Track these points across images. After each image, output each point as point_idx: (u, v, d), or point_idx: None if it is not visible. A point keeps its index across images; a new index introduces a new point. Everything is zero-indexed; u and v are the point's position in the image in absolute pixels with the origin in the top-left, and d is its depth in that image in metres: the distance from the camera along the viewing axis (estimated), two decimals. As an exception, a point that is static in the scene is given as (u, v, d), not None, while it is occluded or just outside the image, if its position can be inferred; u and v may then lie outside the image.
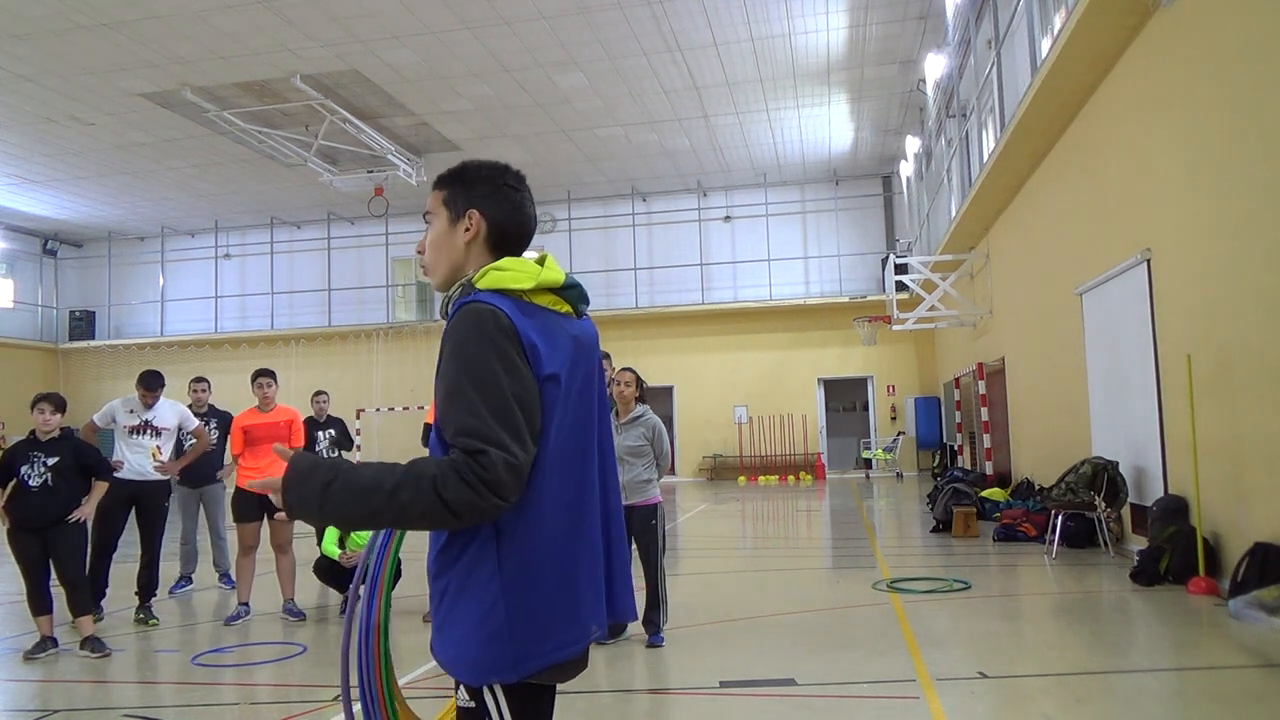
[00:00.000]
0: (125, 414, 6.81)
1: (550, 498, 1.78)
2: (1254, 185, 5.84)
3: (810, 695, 4.40)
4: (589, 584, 1.86)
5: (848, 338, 20.64)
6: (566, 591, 1.79)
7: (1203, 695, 4.38)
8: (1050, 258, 10.76)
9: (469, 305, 1.77)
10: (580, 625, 1.82)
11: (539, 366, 1.76)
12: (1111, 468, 8.06)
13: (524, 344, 1.74)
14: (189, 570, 8.02)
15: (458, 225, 1.92)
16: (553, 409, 1.78)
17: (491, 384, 1.69)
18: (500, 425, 1.66)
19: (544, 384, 1.77)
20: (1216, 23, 6.27)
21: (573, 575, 1.81)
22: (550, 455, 1.78)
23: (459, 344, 1.73)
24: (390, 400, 22.29)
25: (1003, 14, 11.04)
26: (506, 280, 1.81)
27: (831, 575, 8.41)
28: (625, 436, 5.61)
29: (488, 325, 1.72)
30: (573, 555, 1.82)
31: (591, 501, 1.90)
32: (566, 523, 1.81)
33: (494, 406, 1.67)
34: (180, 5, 12.27)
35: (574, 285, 1.92)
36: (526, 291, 1.82)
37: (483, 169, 1.96)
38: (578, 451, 1.86)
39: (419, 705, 4.73)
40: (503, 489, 1.64)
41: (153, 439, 6.81)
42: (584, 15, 12.96)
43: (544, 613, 1.75)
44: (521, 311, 1.78)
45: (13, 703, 4.81)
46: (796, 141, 19.04)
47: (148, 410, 6.87)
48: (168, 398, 7.12)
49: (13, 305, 24.29)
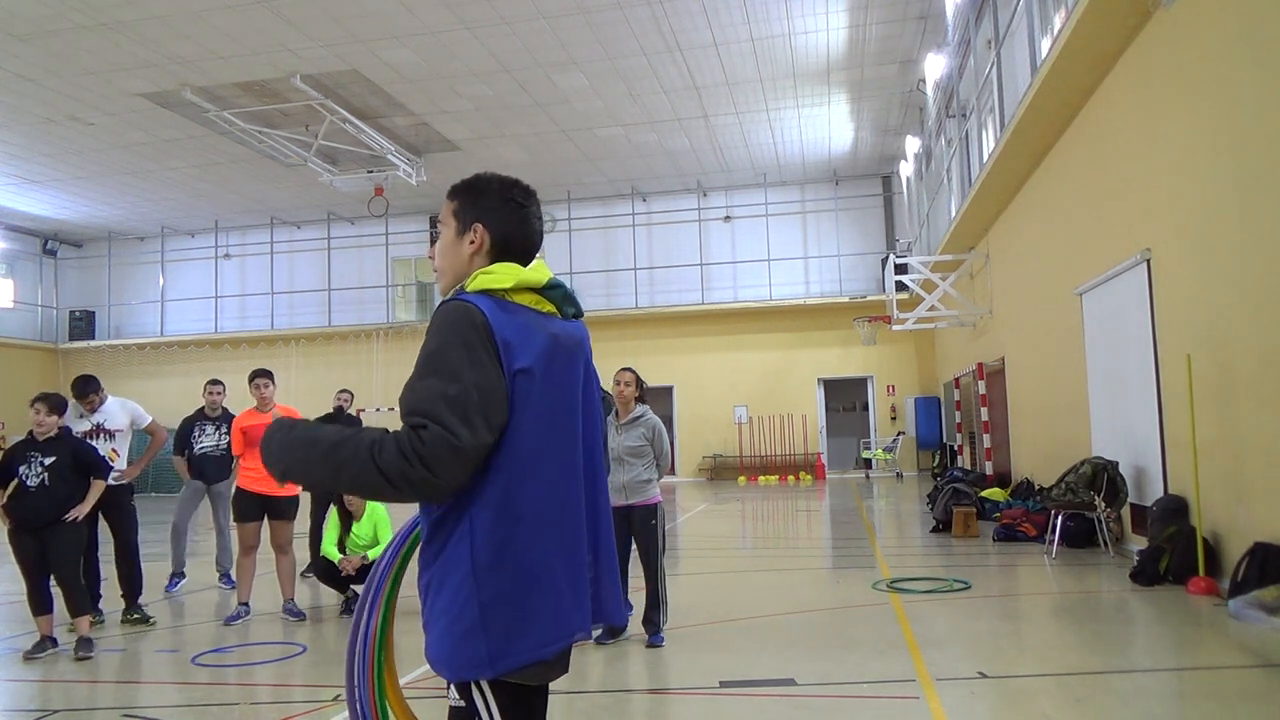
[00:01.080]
0: (76, 419, 6.76)
1: (525, 495, 1.79)
2: (1254, 185, 5.84)
3: (810, 695, 4.40)
4: (568, 583, 1.85)
5: (848, 338, 20.64)
6: (543, 590, 1.80)
7: (1203, 695, 4.38)
8: (1050, 258, 10.76)
9: (447, 304, 1.84)
10: (559, 625, 1.82)
11: (510, 360, 1.80)
12: (1111, 468, 8.06)
13: (496, 340, 1.79)
14: (178, 566, 7.98)
15: (464, 237, 1.99)
16: (524, 402, 1.80)
17: (449, 371, 1.74)
18: (448, 407, 1.70)
19: (515, 377, 1.80)
20: (1216, 23, 6.27)
21: (549, 573, 1.81)
22: (524, 452, 1.80)
23: (429, 338, 1.80)
24: (390, 400, 22.27)
25: (1003, 14, 11.04)
26: (489, 281, 1.87)
27: (831, 575, 8.41)
28: (625, 437, 5.61)
29: (459, 320, 1.79)
30: (550, 553, 1.82)
31: (573, 501, 1.90)
32: (543, 521, 1.82)
33: (447, 391, 1.72)
34: (180, 5, 12.27)
35: (557, 286, 1.97)
36: (507, 290, 1.87)
37: (492, 183, 2.02)
38: (557, 449, 1.87)
39: (419, 705, 4.73)
40: (435, 465, 1.67)
41: (107, 442, 6.74)
42: (584, 15, 12.96)
43: (519, 610, 1.76)
44: (500, 308, 1.83)
45: (13, 703, 4.81)
46: (796, 141, 19.04)
47: (93, 414, 6.82)
48: (117, 396, 7.05)
49: (13, 305, 24.29)
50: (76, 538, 5.74)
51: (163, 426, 7.36)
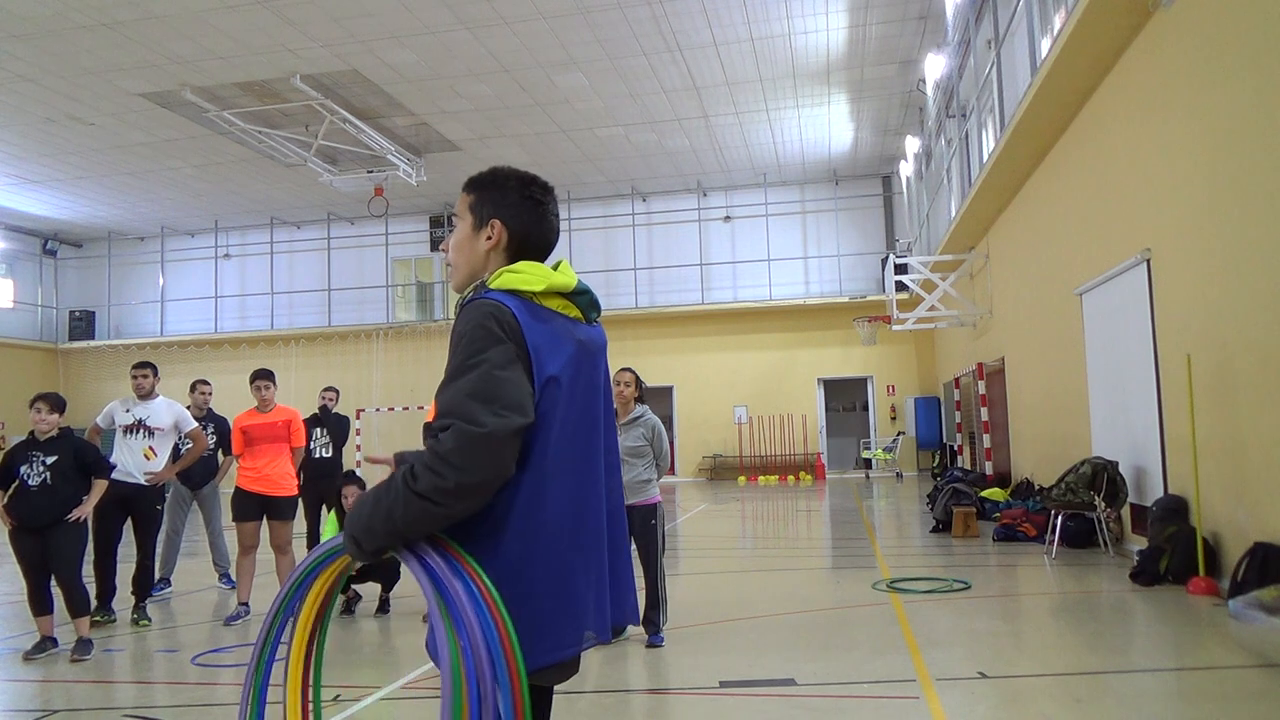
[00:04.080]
0: (122, 413, 6.67)
1: (549, 500, 1.78)
2: (1254, 185, 5.83)
3: (810, 695, 4.40)
4: (588, 588, 1.86)
5: (848, 338, 20.64)
6: (563, 594, 1.80)
7: (1203, 695, 4.38)
8: (1050, 258, 10.76)
9: (475, 302, 1.80)
10: (576, 629, 1.82)
11: (540, 368, 1.77)
12: (1111, 468, 8.06)
13: (527, 343, 1.76)
14: (167, 572, 7.87)
15: (480, 232, 1.95)
16: (552, 412, 1.79)
17: (475, 364, 1.71)
18: (472, 397, 1.67)
19: (544, 386, 1.78)
20: (1216, 23, 6.27)
21: (570, 578, 1.81)
22: (551, 459, 1.79)
23: (459, 337, 1.76)
24: (390, 400, 22.29)
25: (1003, 14, 11.04)
26: (517, 282, 1.83)
27: (831, 575, 8.41)
28: (625, 437, 5.61)
29: (489, 320, 1.75)
30: (571, 558, 1.82)
31: (595, 506, 1.90)
32: (566, 527, 1.82)
33: (473, 382, 1.69)
34: (180, 5, 12.27)
35: (585, 291, 1.94)
36: (536, 294, 1.84)
37: (511, 178, 1.98)
38: (580, 456, 1.87)
39: (419, 705, 4.74)
40: (462, 459, 1.63)
41: (145, 439, 6.62)
42: (584, 15, 12.96)
43: (538, 614, 1.75)
44: (529, 313, 1.80)
45: (13, 703, 4.80)
46: (796, 141, 19.04)
47: (140, 403, 6.70)
48: (167, 398, 6.97)
49: (13, 305, 24.28)
50: (78, 538, 5.73)
51: (204, 433, 7.28)
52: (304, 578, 1.92)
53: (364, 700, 4.54)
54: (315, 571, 1.92)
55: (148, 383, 6.76)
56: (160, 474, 6.67)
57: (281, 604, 1.94)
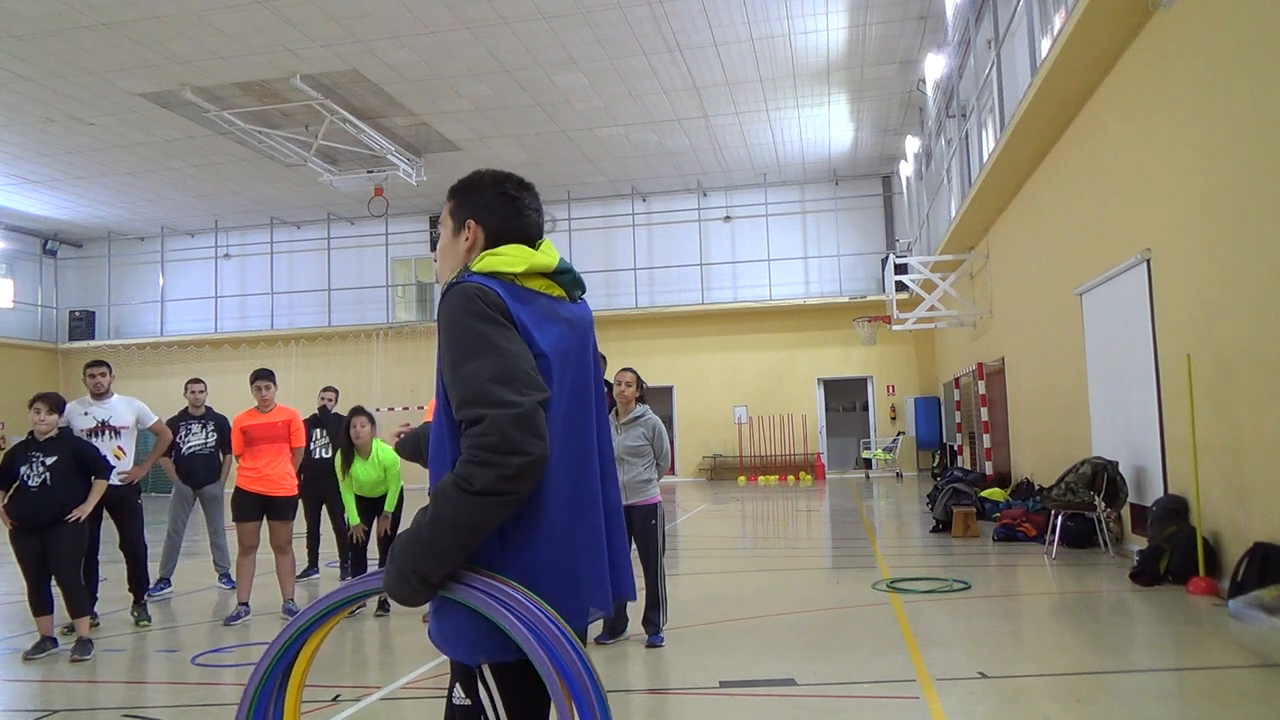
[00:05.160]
0: (80, 416, 6.56)
1: (551, 477, 1.80)
2: (1254, 185, 5.83)
3: (810, 695, 4.40)
4: (590, 564, 1.88)
5: (848, 338, 20.64)
6: (567, 570, 1.82)
7: (1203, 695, 4.38)
8: (1050, 258, 10.76)
9: (458, 285, 1.81)
10: (579, 605, 1.84)
11: (530, 345, 1.80)
12: (1111, 468, 8.06)
13: (515, 320, 1.79)
14: (167, 572, 7.87)
15: (460, 235, 1.99)
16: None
17: (482, 346, 1.72)
18: (494, 381, 1.68)
19: (536, 363, 1.79)
20: (1216, 23, 6.27)
21: (573, 554, 1.84)
22: (549, 435, 1.79)
23: (450, 322, 1.77)
24: (390, 400, 22.27)
25: (1003, 14, 11.04)
26: (499, 264, 1.86)
27: (831, 575, 8.41)
28: (625, 436, 5.61)
29: (474, 301, 1.76)
30: (574, 534, 1.84)
31: (593, 483, 1.93)
32: (567, 503, 1.84)
33: (487, 366, 1.70)
34: (180, 5, 12.27)
35: (567, 270, 1.96)
36: (518, 275, 1.87)
37: (485, 178, 2.02)
38: (573, 434, 1.88)
39: (419, 705, 4.74)
40: (515, 444, 1.64)
41: (112, 439, 6.57)
42: (584, 15, 12.96)
43: (543, 591, 1.76)
44: (512, 295, 1.83)
45: (13, 703, 4.81)
46: (796, 141, 19.04)
47: (97, 403, 6.61)
48: (122, 395, 6.85)
49: (13, 305, 24.28)
50: (78, 538, 5.74)
51: (168, 426, 7.31)
52: (316, 619, 1.94)
53: (364, 700, 4.54)
54: (330, 614, 1.92)
55: (105, 381, 6.68)
56: (132, 473, 6.67)
57: (284, 644, 1.94)
